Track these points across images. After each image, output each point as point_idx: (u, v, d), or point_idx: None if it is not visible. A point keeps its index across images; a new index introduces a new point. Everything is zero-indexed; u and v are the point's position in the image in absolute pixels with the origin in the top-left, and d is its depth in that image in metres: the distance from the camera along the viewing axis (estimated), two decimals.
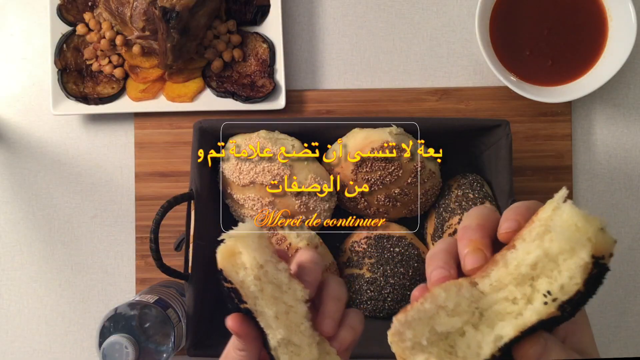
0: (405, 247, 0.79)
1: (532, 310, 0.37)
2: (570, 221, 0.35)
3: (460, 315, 0.38)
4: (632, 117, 0.89)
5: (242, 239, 0.43)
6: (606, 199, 0.89)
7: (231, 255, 0.43)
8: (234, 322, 0.43)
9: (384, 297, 0.78)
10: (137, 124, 0.89)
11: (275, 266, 0.45)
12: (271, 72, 0.87)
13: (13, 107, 0.91)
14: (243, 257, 0.43)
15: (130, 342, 0.68)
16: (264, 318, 0.43)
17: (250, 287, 0.43)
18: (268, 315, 0.43)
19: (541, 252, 0.36)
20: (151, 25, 0.82)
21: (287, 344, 0.43)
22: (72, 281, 0.90)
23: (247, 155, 0.75)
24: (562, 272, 0.36)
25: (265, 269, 0.43)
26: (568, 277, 0.36)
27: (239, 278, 0.43)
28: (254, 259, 0.43)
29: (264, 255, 0.44)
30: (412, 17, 0.90)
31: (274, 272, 0.44)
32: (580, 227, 0.35)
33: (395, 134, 0.74)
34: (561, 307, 0.36)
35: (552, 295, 0.36)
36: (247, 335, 0.44)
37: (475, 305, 0.38)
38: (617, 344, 0.88)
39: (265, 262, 0.44)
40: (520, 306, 0.37)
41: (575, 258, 0.35)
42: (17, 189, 0.91)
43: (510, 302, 0.38)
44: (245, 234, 0.43)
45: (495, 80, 0.88)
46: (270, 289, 0.43)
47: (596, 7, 0.84)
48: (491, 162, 0.78)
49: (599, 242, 0.34)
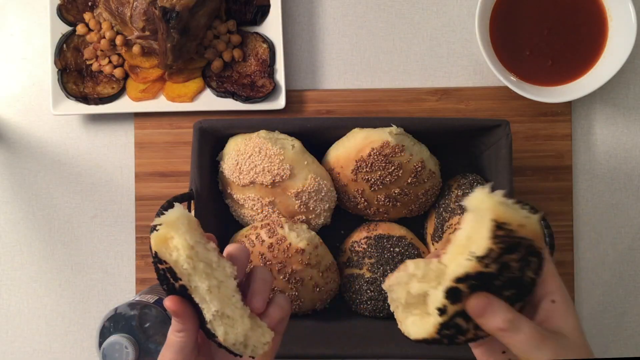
0: (405, 247, 0.79)
1: (459, 265, 0.47)
2: (477, 199, 0.47)
3: (428, 282, 0.49)
4: (632, 117, 0.89)
5: (172, 224, 0.48)
6: (606, 199, 0.89)
7: (164, 240, 0.47)
8: (172, 302, 0.48)
9: (384, 297, 0.78)
10: (137, 124, 0.89)
11: (205, 246, 0.49)
12: (271, 72, 0.87)
13: (13, 107, 0.91)
14: (175, 240, 0.47)
15: (130, 342, 0.68)
16: (198, 294, 0.47)
17: (184, 265, 0.47)
18: (202, 289, 0.47)
19: (469, 227, 0.48)
20: (151, 25, 0.82)
21: (222, 317, 0.48)
22: (72, 281, 0.90)
23: (247, 155, 0.75)
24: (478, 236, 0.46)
25: (196, 250, 0.48)
26: (480, 237, 0.46)
27: (172, 258, 0.47)
28: (185, 240, 0.47)
29: (194, 237, 0.48)
30: (412, 17, 0.90)
31: (204, 252, 0.49)
32: (483, 200, 0.46)
33: (395, 134, 0.74)
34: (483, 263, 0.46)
35: (474, 254, 0.46)
36: (184, 313, 0.48)
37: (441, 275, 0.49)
38: (617, 344, 0.88)
39: (196, 243, 0.48)
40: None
41: (483, 223, 0.46)
42: (17, 189, 0.91)
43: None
44: (175, 219, 0.48)
45: (495, 80, 0.88)
46: (202, 267, 0.48)
47: (596, 7, 0.84)
48: (491, 162, 0.78)
49: (499, 211, 0.45)
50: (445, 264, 0.49)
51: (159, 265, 0.48)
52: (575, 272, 0.88)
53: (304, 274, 0.75)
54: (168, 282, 0.48)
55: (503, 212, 0.45)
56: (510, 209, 0.46)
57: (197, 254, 0.48)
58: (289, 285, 0.75)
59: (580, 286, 0.88)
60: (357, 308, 0.81)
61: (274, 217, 0.78)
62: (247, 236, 0.76)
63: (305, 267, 0.75)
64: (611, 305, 0.88)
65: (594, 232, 0.89)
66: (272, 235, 0.74)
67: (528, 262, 0.47)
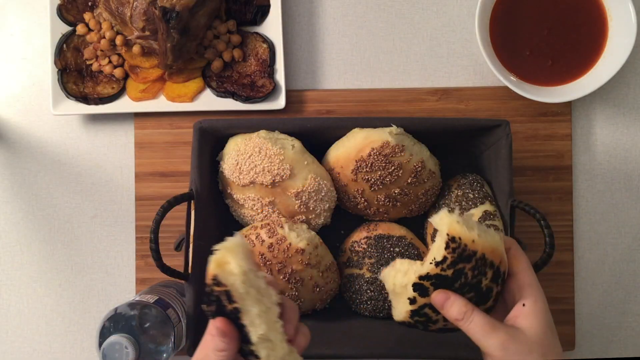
0: (405, 247, 0.79)
1: (424, 267, 0.59)
2: (439, 216, 0.58)
3: (409, 277, 0.60)
4: (632, 117, 0.89)
5: (231, 250, 0.52)
6: (606, 199, 0.89)
7: (221, 264, 0.52)
8: (223, 323, 0.53)
9: (384, 297, 0.78)
10: (137, 124, 0.89)
11: (256, 274, 0.54)
12: (271, 72, 0.87)
13: (13, 107, 0.91)
14: (230, 265, 0.51)
15: (130, 342, 0.68)
16: (248, 316, 0.52)
17: (240, 289, 0.51)
18: (253, 313, 0.52)
19: (437, 239, 0.58)
20: (151, 25, 0.82)
21: (265, 341, 0.52)
22: (72, 281, 0.90)
23: (247, 155, 0.75)
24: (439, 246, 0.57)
25: (248, 276, 0.52)
26: (439, 247, 0.57)
27: (230, 282, 0.51)
28: (240, 266, 0.51)
29: (248, 264, 0.52)
30: (412, 17, 0.90)
31: (255, 279, 0.53)
32: (442, 218, 0.58)
33: (395, 134, 0.74)
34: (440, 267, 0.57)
35: (434, 260, 0.57)
36: (232, 334, 0.53)
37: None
38: (617, 344, 0.88)
39: (249, 270, 0.52)
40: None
41: (442, 236, 0.57)
42: (17, 189, 0.91)
43: None
44: (234, 245, 0.52)
45: (495, 80, 0.88)
46: (253, 292, 0.52)
47: (596, 7, 0.84)
48: (491, 162, 0.78)
49: (454, 227, 0.56)
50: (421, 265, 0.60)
51: (215, 288, 0.52)
52: (575, 272, 0.88)
53: (304, 274, 0.75)
54: (219, 304, 0.52)
55: (457, 228, 0.56)
56: (464, 227, 0.56)
57: (249, 280, 0.52)
58: (289, 285, 0.75)
59: (580, 286, 0.88)
60: (357, 308, 0.81)
61: (274, 217, 0.78)
62: (247, 236, 0.76)
63: (305, 267, 0.75)
64: (611, 305, 0.88)
65: (594, 232, 0.89)
66: (272, 235, 0.74)
67: (484, 272, 0.58)
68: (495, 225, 0.73)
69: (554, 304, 0.87)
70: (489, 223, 0.73)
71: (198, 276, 0.73)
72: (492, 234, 0.58)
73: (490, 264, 0.57)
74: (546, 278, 0.86)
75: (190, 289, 0.73)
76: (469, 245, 0.56)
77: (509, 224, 0.73)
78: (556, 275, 0.87)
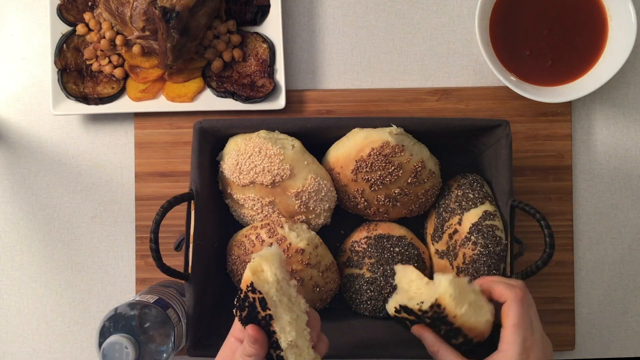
0: (405, 247, 0.79)
1: (413, 302, 0.65)
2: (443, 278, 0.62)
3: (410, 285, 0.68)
4: (632, 117, 0.89)
5: (267, 258, 0.55)
6: (606, 199, 0.89)
7: (256, 272, 0.55)
8: (255, 330, 0.55)
9: (384, 297, 0.78)
10: (137, 124, 0.89)
11: (288, 283, 0.57)
12: (271, 72, 0.87)
13: (13, 107, 0.91)
14: (266, 274, 0.55)
15: (130, 342, 0.68)
16: (279, 323, 0.54)
17: (274, 297, 0.54)
18: (284, 320, 0.54)
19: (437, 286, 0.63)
20: (151, 25, 0.82)
21: (293, 347, 0.55)
22: (72, 281, 0.90)
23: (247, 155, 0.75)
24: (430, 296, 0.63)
25: (281, 285, 0.55)
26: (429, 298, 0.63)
27: (264, 289, 0.54)
28: (275, 274, 0.55)
29: (282, 273, 0.56)
30: (412, 17, 0.90)
31: (287, 288, 0.57)
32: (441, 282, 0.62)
33: (395, 134, 0.74)
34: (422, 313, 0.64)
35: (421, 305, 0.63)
36: (263, 341, 0.56)
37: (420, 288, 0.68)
38: (617, 344, 0.88)
39: (282, 279, 0.56)
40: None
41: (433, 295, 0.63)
42: (17, 189, 0.91)
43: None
44: (270, 255, 0.56)
45: (495, 80, 0.88)
46: (286, 300, 0.55)
47: (596, 7, 0.84)
48: (491, 162, 0.78)
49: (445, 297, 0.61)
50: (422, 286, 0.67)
51: (250, 294, 0.54)
52: (575, 272, 0.88)
53: (304, 274, 0.75)
54: (251, 310, 0.55)
55: (446, 300, 0.61)
56: (454, 301, 0.61)
57: (282, 288, 0.55)
58: None
59: (580, 286, 0.88)
60: (357, 308, 0.81)
61: (274, 217, 0.78)
62: (247, 236, 0.76)
63: (305, 267, 0.75)
64: (611, 305, 0.88)
65: (594, 232, 0.89)
66: (272, 235, 0.74)
67: (456, 337, 0.63)
68: (496, 226, 0.73)
69: (554, 304, 0.87)
70: (489, 223, 0.73)
71: (198, 276, 0.74)
72: (482, 313, 0.62)
73: (464, 335, 0.63)
74: (546, 278, 0.86)
75: (190, 289, 0.73)
76: (449, 317, 0.62)
77: (509, 224, 0.73)
78: (556, 275, 0.87)
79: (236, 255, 0.78)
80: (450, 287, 0.61)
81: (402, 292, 0.68)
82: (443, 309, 0.61)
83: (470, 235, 0.74)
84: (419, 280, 0.67)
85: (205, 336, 0.76)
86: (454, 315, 0.62)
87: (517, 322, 0.61)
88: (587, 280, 0.88)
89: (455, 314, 0.61)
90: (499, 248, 0.72)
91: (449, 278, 0.62)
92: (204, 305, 0.76)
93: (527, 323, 0.61)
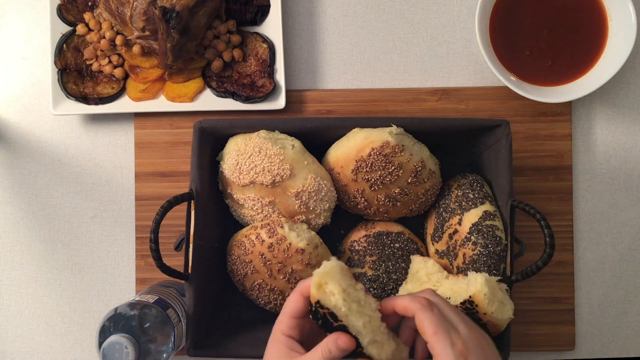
0: (405, 242, 0.79)
1: (439, 289, 0.72)
2: (475, 279, 0.66)
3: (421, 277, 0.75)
4: (632, 117, 0.89)
5: (326, 273, 0.56)
6: (606, 199, 0.89)
7: (320, 285, 0.56)
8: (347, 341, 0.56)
9: (387, 294, 0.78)
10: (137, 124, 0.89)
11: (354, 287, 0.58)
12: (271, 72, 0.87)
13: (13, 107, 0.91)
14: (329, 286, 0.56)
15: (130, 342, 0.68)
16: (354, 329, 0.56)
17: (342, 309, 0.56)
18: (358, 326, 0.56)
19: (469, 282, 0.68)
20: (151, 25, 0.82)
21: (373, 343, 0.57)
22: (72, 281, 0.90)
23: (247, 155, 0.75)
24: (463, 291, 0.69)
25: (348, 292, 0.56)
26: (463, 293, 0.68)
27: (332, 304, 0.56)
28: (338, 285, 0.56)
29: (345, 281, 0.57)
30: (412, 17, 0.90)
31: (354, 292, 0.57)
32: (477, 279, 0.66)
33: (395, 134, 0.74)
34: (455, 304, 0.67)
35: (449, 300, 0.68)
36: (352, 347, 0.56)
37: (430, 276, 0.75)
38: (617, 344, 0.88)
39: (347, 286, 0.57)
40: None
41: (468, 290, 0.67)
42: (17, 189, 0.91)
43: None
44: (330, 268, 0.57)
45: (495, 80, 0.88)
46: (355, 306, 0.57)
47: (596, 7, 0.84)
48: (491, 162, 0.78)
49: (478, 296, 0.65)
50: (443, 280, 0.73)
51: (319, 310, 0.56)
52: (575, 272, 0.88)
53: (304, 274, 0.75)
54: (326, 321, 0.57)
55: (481, 298, 0.64)
56: (487, 300, 0.64)
57: (349, 295, 0.56)
58: (289, 285, 0.75)
59: (580, 286, 0.88)
60: None
61: (274, 217, 0.78)
62: (247, 236, 0.76)
63: (305, 266, 0.75)
64: (611, 305, 0.88)
65: (594, 232, 0.89)
66: (272, 235, 0.74)
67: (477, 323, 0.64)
68: (496, 226, 0.73)
69: (554, 304, 0.87)
70: (489, 223, 0.73)
71: (198, 276, 0.74)
72: (505, 311, 0.66)
73: (487, 331, 0.66)
74: (546, 278, 0.86)
75: (190, 289, 0.73)
76: (479, 314, 0.65)
77: (509, 224, 0.73)
78: (556, 275, 0.87)
79: (236, 255, 0.78)
80: (485, 286, 0.65)
81: (416, 282, 0.72)
82: (476, 305, 0.65)
83: (470, 235, 0.74)
84: (439, 274, 0.72)
85: (205, 336, 0.76)
86: (484, 313, 0.65)
87: (435, 329, 0.55)
88: (587, 280, 0.88)
89: (486, 311, 0.65)
90: (499, 248, 0.73)
91: (485, 277, 0.65)
92: (204, 305, 0.76)
93: (446, 325, 0.56)
